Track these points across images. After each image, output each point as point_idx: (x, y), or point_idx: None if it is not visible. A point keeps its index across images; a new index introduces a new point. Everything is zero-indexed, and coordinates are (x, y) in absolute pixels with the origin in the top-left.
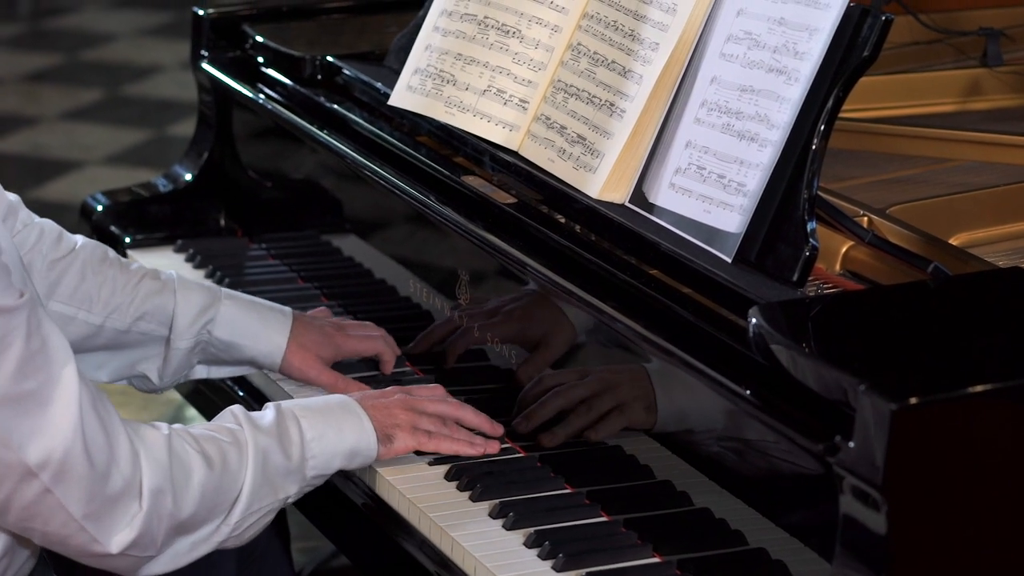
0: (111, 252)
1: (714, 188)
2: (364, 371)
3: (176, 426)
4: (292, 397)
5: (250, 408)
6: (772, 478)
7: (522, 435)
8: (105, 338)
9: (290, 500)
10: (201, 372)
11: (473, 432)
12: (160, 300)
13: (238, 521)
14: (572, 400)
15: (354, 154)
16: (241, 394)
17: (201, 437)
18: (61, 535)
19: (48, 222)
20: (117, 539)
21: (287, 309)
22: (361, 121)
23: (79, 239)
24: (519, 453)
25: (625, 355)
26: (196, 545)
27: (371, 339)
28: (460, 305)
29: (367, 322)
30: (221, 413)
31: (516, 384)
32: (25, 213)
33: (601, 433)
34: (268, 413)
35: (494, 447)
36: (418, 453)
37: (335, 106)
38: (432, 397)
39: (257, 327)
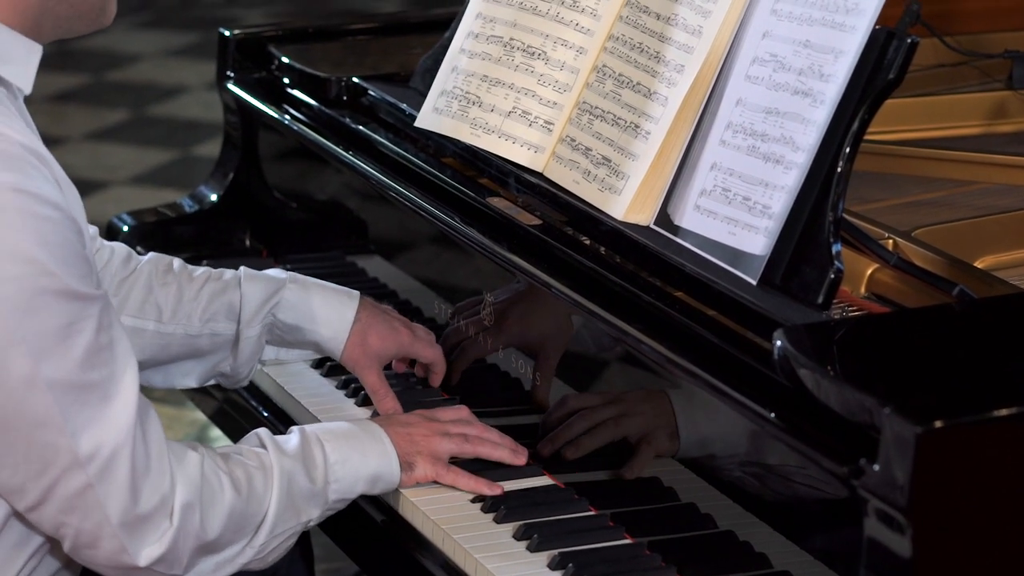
0: (176, 262)
1: (739, 210)
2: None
3: (206, 447)
4: (317, 419)
5: (273, 430)
6: (796, 500)
7: (546, 458)
8: (180, 345)
9: (312, 523)
10: (270, 353)
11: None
12: (226, 298)
13: (262, 544)
14: (595, 423)
15: (379, 175)
16: (266, 415)
17: (230, 461)
18: (94, 536)
19: (119, 245)
20: (146, 552)
21: (355, 293)
22: (386, 142)
23: (147, 255)
24: (545, 477)
25: (648, 378)
26: (220, 566)
27: (433, 346)
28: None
29: (428, 330)
30: (247, 436)
31: (536, 401)
32: (99, 241)
33: (625, 462)
34: (293, 437)
35: (521, 460)
36: None
37: (360, 127)
38: (457, 420)
39: (321, 311)
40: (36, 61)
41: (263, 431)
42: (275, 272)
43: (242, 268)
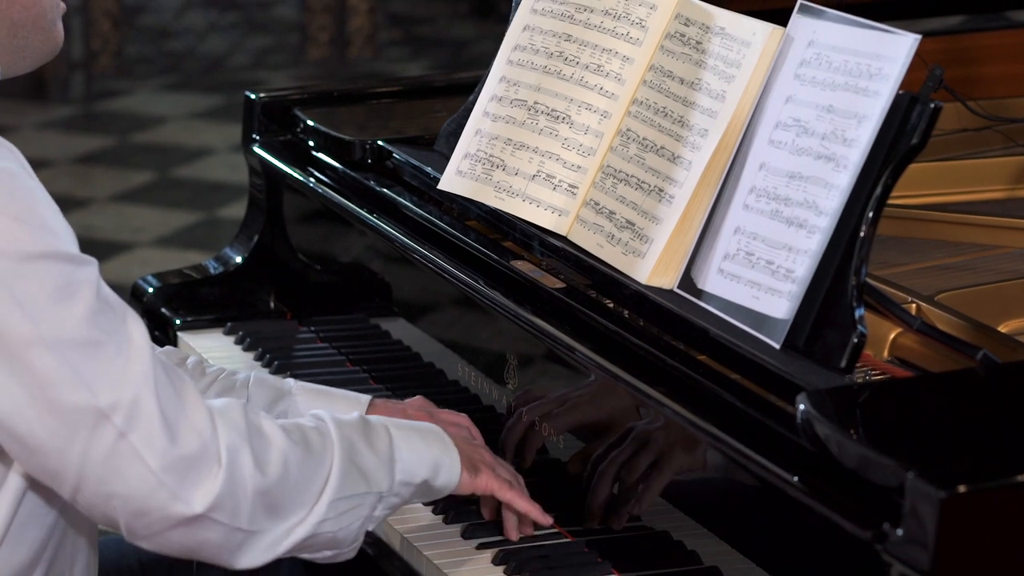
0: (192, 358)
1: (763, 274)
2: None
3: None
4: None
5: None
6: (821, 564)
7: (571, 518)
8: None
9: (379, 513)
10: None
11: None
12: (233, 396)
13: (332, 501)
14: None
15: (403, 238)
16: None
17: (280, 421)
18: (143, 497)
19: None
20: (200, 496)
21: (364, 397)
22: (411, 205)
23: (162, 348)
24: (566, 538)
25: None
26: (289, 533)
27: (457, 428)
28: (515, 395)
29: (460, 413)
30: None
31: (572, 472)
32: None
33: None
34: (353, 414)
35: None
36: (465, 536)
37: (385, 190)
38: (503, 466)
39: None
40: None
41: (321, 410)
42: (284, 379)
43: (253, 372)
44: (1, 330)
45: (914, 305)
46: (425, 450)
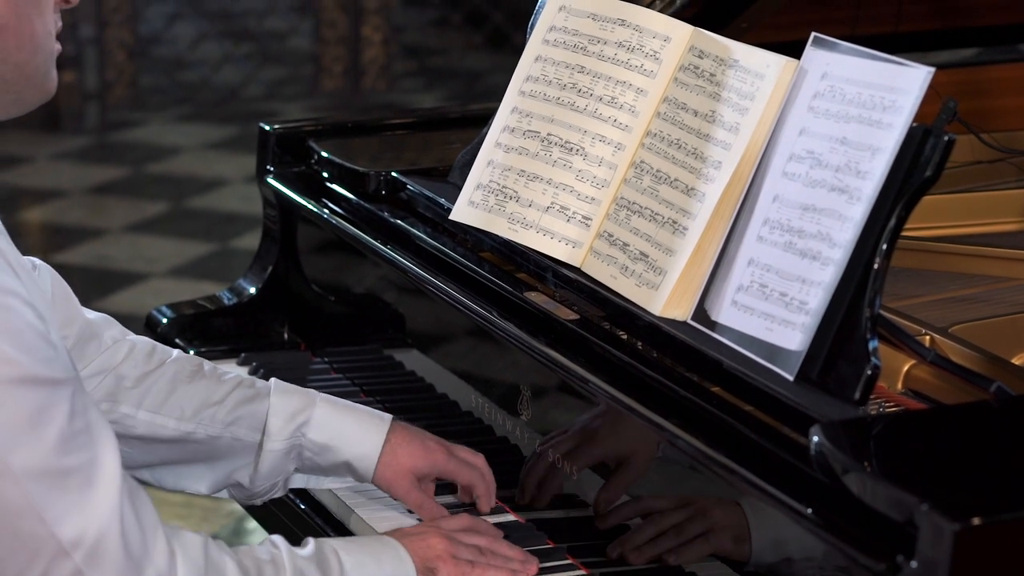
0: (207, 364)
1: (776, 306)
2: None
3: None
4: (361, 515)
5: (308, 522)
6: None
7: (588, 552)
8: (197, 446)
9: None
10: (299, 481)
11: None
12: (253, 406)
13: None
14: (667, 529)
15: (417, 269)
16: (303, 507)
17: (238, 551)
18: None
19: (143, 339)
20: None
21: (387, 415)
22: (424, 236)
23: (175, 352)
24: (580, 569)
25: (699, 481)
26: None
27: (471, 469)
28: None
29: (478, 453)
30: (261, 541)
31: (596, 509)
32: (118, 331)
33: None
34: (308, 545)
35: (532, 569)
36: None
37: (399, 221)
38: (465, 529)
39: (352, 429)
40: None
41: (277, 537)
42: (307, 389)
43: (273, 380)
44: None
45: (928, 337)
46: (378, 571)
